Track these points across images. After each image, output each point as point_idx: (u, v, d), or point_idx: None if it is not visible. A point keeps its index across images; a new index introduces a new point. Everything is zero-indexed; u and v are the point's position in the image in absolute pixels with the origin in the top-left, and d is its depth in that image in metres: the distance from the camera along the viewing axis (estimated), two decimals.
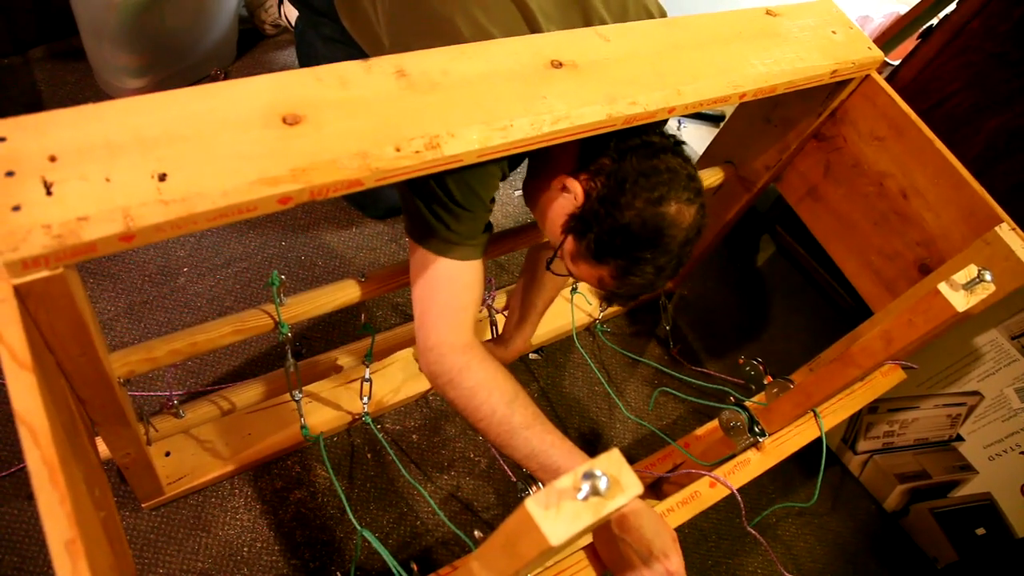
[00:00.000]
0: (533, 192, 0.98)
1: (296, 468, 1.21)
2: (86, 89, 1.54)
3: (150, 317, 1.30)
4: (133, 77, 1.51)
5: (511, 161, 0.86)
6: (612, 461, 0.51)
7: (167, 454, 1.13)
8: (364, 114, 0.70)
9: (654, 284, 0.89)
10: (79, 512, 0.50)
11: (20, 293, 0.55)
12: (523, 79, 0.78)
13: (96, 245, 0.56)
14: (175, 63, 1.57)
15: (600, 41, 0.87)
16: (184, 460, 1.13)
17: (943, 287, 0.82)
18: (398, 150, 0.68)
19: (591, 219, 0.87)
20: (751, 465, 1.06)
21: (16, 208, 0.55)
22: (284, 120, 0.67)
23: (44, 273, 0.56)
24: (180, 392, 1.19)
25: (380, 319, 1.44)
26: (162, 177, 0.60)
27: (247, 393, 1.13)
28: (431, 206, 0.87)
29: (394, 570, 0.77)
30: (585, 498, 0.49)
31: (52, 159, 0.58)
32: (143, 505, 1.09)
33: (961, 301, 0.81)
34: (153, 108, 0.64)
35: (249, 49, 1.78)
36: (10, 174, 0.56)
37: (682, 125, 2.12)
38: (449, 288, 0.92)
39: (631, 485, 0.51)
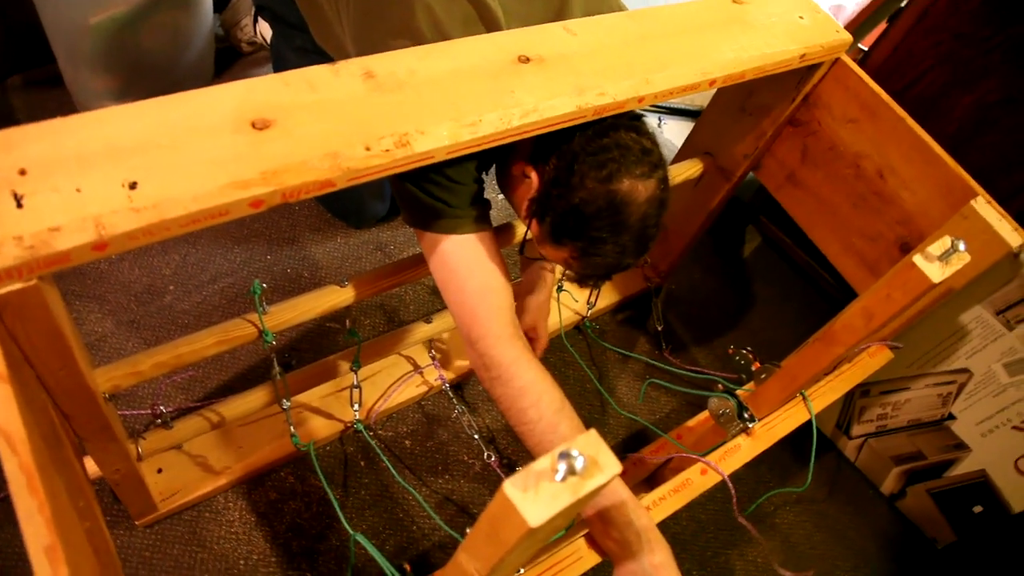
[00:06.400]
0: (502, 179, 0.99)
1: (290, 479, 1.21)
2: (66, 115, 1.54)
3: (138, 336, 1.30)
4: (111, 100, 1.51)
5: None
6: (589, 441, 0.52)
7: (159, 470, 1.13)
8: (333, 116, 0.70)
9: (620, 262, 0.88)
10: (59, 519, 0.50)
11: None
12: (490, 75, 0.79)
13: (69, 255, 0.57)
14: (153, 84, 1.57)
15: (567, 35, 0.87)
16: (176, 476, 1.13)
17: (918, 259, 0.82)
18: (368, 149, 0.69)
19: (546, 203, 0.87)
20: (741, 451, 1.07)
21: None
22: (253, 125, 0.67)
23: (18, 285, 0.56)
24: (171, 409, 1.19)
25: (368, 326, 1.44)
26: (133, 185, 0.60)
27: (237, 406, 1.12)
28: (424, 186, 0.86)
29: (386, 570, 0.77)
30: (563, 479, 0.49)
31: (22, 172, 0.59)
32: (137, 522, 1.09)
33: (936, 272, 0.82)
34: (122, 119, 0.65)
35: (227, 67, 1.79)
36: None
37: (663, 122, 2.13)
38: (476, 269, 0.89)
39: (609, 464, 0.51)
